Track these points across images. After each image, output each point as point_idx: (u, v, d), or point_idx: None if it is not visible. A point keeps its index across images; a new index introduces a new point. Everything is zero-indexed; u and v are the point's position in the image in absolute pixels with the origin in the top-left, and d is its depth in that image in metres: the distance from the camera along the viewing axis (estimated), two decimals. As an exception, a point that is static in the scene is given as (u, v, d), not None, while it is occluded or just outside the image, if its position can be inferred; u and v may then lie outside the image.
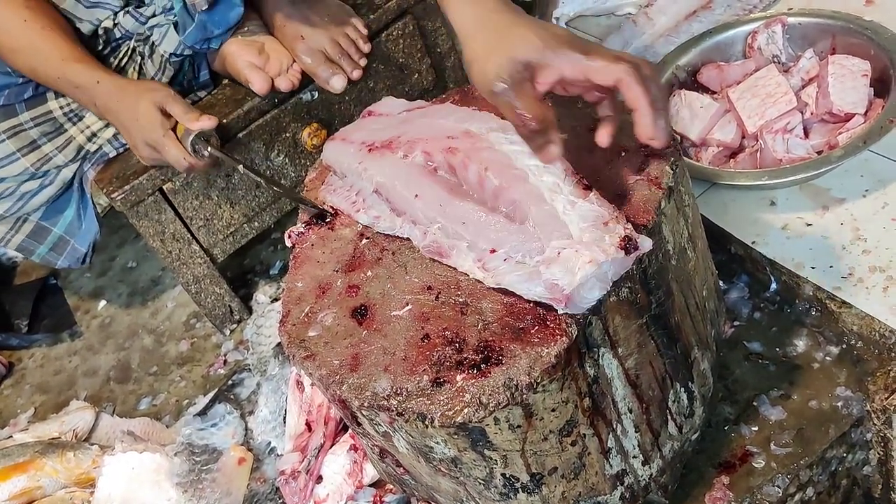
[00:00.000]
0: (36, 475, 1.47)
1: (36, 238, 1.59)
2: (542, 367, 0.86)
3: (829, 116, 1.35)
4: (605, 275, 0.86)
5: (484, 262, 0.93)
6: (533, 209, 0.91)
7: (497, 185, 0.96)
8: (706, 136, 1.43)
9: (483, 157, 0.98)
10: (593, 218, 0.89)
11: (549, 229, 0.89)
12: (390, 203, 1.06)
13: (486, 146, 0.99)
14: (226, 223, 1.59)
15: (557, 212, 0.90)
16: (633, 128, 0.96)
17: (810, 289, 1.24)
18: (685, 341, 1.07)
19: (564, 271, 0.85)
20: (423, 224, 1.01)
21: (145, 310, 1.89)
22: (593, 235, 0.87)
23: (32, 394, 1.81)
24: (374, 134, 1.14)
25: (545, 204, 0.91)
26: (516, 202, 0.94)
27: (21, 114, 1.51)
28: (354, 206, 1.11)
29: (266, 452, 1.45)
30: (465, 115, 1.08)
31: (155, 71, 1.53)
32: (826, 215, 1.31)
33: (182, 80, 1.57)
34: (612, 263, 0.85)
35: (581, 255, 0.84)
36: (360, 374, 0.94)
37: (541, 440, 0.92)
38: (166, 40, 1.50)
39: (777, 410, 1.18)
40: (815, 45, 1.46)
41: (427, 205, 1.00)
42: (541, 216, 0.90)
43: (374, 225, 1.08)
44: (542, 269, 0.87)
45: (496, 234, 0.94)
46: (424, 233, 1.01)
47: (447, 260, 0.98)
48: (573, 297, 0.85)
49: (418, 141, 1.06)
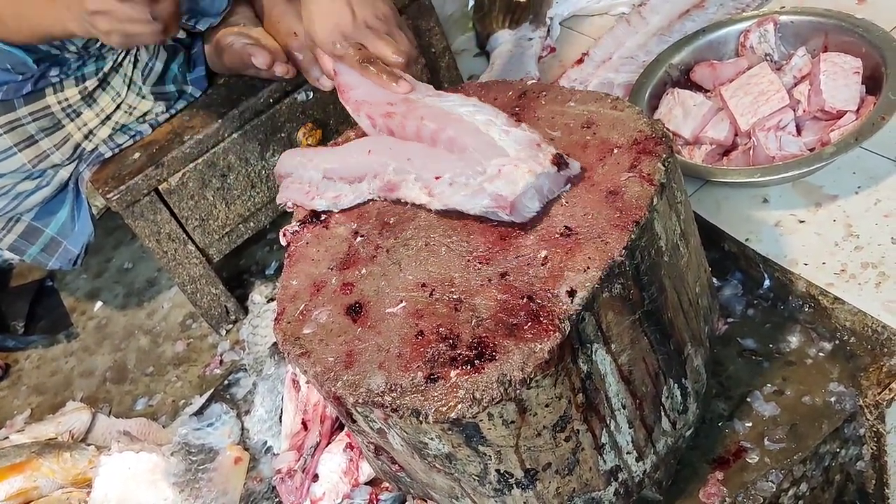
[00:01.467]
0: (32, 475, 1.47)
1: (28, 238, 1.59)
2: (535, 363, 0.87)
3: (822, 114, 1.35)
4: (542, 187, 0.98)
5: (430, 189, 1.04)
6: (470, 139, 1.03)
7: (434, 128, 1.06)
8: (699, 133, 1.43)
9: (418, 112, 1.10)
10: (527, 141, 1.01)
11: (488, 154, 1.01)
12: (345, 178, 1.13)
13: (422, 104, 1.11)
14: (221, 223, 1.59)
15: (494, 140, 1.02)
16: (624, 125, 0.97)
17: (803, 285, 1.24)
18: (678, 337, 1.07)
19: (506, 183, 0.97)
20: (379, 174, 1.10)
21: (141, 311, 1.89)
22: (529, 153, 0.99)
23: (29, 395, 1.81)
24: None
25: (482, 135, 1.03)
26: (453, 138, 1.04)
27: (19, 108, 1.51)
28: (309, 195, 1.17)
29: (262, 452, 1.45)
30: None
31: (149, 57, 1.53)
32: (819, 212, 1.32)
33: (176, 72, 1.57)
34: (546, 177, 0.98)
35: (520, 168, 0.97)
36: (354, 370, 0.94)
37: (534, 436, 0.93)
38: None
39: (770, 406, 1.18)
40: (808, 43, 1.46)
41: (379, 154, 1.11)
42: (479, 144, 1.02)
43: (336, 206, 1.14)
44: (486, 185, 0.98)
45: (440, 164, 1.04)
46: (382, 179, 1.09)
47: (397, 193, 1.07)
48: (516, 204, 0.96)
49: (363, 103, 1.17)
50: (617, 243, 0.93)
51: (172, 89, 1.57)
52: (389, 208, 1.10)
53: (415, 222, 1.06)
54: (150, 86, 1.55)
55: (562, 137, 1.08)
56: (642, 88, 1.51)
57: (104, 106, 1.55)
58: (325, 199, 1.15)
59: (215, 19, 1.51)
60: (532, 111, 1.14)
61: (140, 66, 1.54)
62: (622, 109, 1.08)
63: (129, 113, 1.57)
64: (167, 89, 1.57)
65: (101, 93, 1.55)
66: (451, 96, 1.11)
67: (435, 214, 1.06)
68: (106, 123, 1.55)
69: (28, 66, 1.50)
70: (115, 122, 1.56)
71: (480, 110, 1.06)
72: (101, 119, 1.54)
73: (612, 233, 0.94)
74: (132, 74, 1.55)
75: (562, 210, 0.99)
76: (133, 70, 1.55)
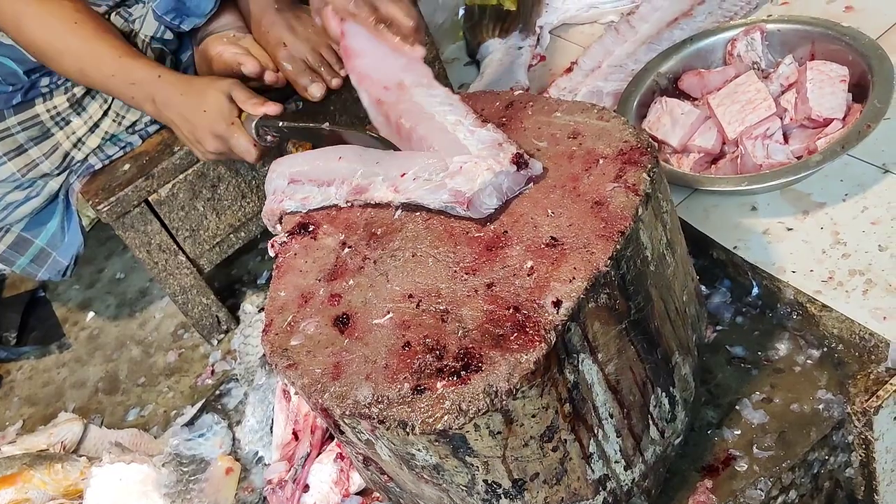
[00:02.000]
0: (24, 487, 1.47)
1: (17, 249, 1.59)
2: (521, 374, 0.87)
3: (809, 121, 1.36)
4: (501, 185, 1.02)
5: (396, 186, 1.08)
6: (437, 138, 1.08)
7: (409, 126, 1.12)
8: (687, 142, 1.44)
9: (400, 110, 1.15)
10: (489, 140, 1.05)
11: (451, 151, 1.06)
12: (314, 181, 1.18)
13: (406, 99, 1.15)
14: (212, 233, 1.60)
15: (459, 139, 1.06)
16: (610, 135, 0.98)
17: (791, 293, 1.25)
18: (666, 346, 1.08)
19: (466, 180, 1.01)
20: (347, 179, 1.15)
21: (133, 321, 1.89)
22: (490, 152, 1.03)
23: (21, 406, 1.81)
24: None
25: (448, 134, 1.08)
26: (423, 136, 1.10)
27: (8, 118, 1.51)
28: (276, 198, 1.21)
29: (254, 462, 1.45)
30: (408, 64, 1.20)
31: None
32: (806, 220, 1.32)
33: None
34: (506, 175, 1.02)
35: (479, 166, 1.02)
36: (341, 382, 0.94)
37: (522, 446, 0.93)
38: (146, 24, 1.51)
39: (759, 414, 1.19)
40: (795, 51, 1.47)
41: (349, 161, 1.16)
42: (444, 143, 1.07)
43: (304, 207, 1.18)
44: (447, 180, 1.03)
45: (405, 163, 1.10)
46: (350, 184, 1.14)
47: (366, 195, 1.12)
48: (474, 200, 1.01)
49: (365, 77, 1.21)
50: (602, 254, 0.93)
51: None
52: (377, 219, 1.11)
53: (402, 233, 1.07)
54: None
55: (548, 147, 1.08)
56: (631, 97, 1.51)
57: (92, 113, 1.55)
58: (294, 201, 1.19)
59: (200, 20, 1.51)
60: (519, 121, 1.15)
61: None
62: (608, 120, 1.08)
63: (118, 122, 1.57)
64: None
65: (90, 100, 1.55)
66: (439, 91, 1.16)
67: (422, 225, 1.06)
68: (94, 132, 1.55)
69: (18, 76, 1.50)
70: (105, 132, 1.56)
71: (453, 110, 1.11)
72: (90, 127, 1.54)
73: (598, 243, 0.94)
74: None
75: (547, 220, 0.99)
76: None
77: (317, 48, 1.50)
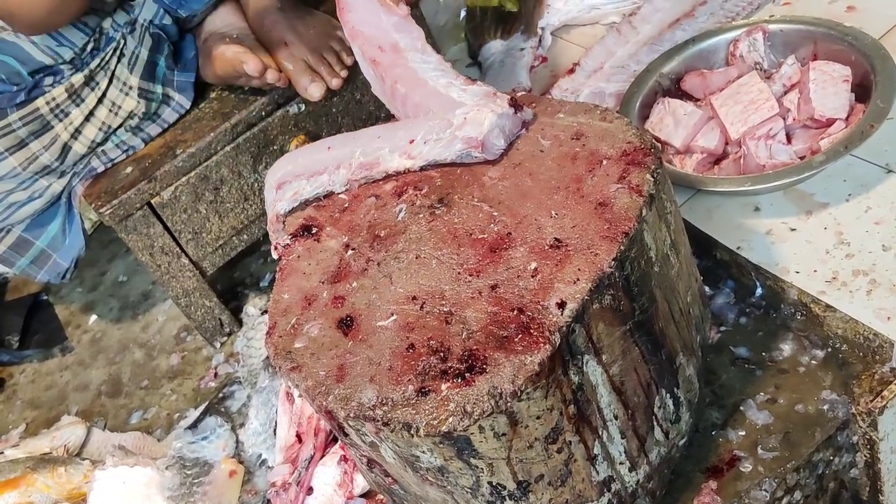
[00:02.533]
0: (27, 490, 1.47)
1: (17, 250, 1.59)
2: (525, 375, 0.87)
3: (811, 122, 1.36)
4: (504, 127, 1.09)
5: (408, 152, 1.12)
6: (434, 101, 1.14)
7: (404, 92, 1.18)
8: (690, 143, 1.44)
9: (396, 73, 1.20)
10: (483, 93, 1.13)
11: (450, 109, 1.11)
12: (301, 175, 1.20)
13: (402, 63, 1.21)
14: (214, 236, 1.60)
15: (454, 98, 1.13)
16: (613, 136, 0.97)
17: (795, 293, 1.24)
18: (670, 347, 1.07)
19: (474, 126, 1.07)
20: (344, 163, 1.17)
21: (136, 324, 1.89)
22: (487, 100, 1.10)
23: (24, 409, 1.81)
24: None
25: (442, 96, 1.14)
26: (419, 103, 1.16)
27: (10, 115, 1.51)
28: (271, 206, 1.23)
29: (257, 465, 1.45)
30: (400, 24, 1.25)
31: (135, 44, 1.52)
32: (810, 220, 1.32)
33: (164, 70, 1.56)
34: (507, 117, 1.08)
35: (483, 111, 1.08)
36: (345, 384, 0.94)
37: (526, 448, 0.93)
38: (145, 9, 1.53)
39: (764, 414, 1.18)
40: (797, 51, 1.47)
41: (339, 147, 1.19)
42: (441, 104, 1.14)
43: (296, 199, 1.19)
44: (456, 133, 1.08)
45: (410, 131, 1.14)
46: (349, 166, 1.16)
47: (377, 169, 1.15)
48: (485, 142, 1.07)
49: (358, 34, 1.26)
50: (606, 255, 0.93)
51: (158, 90, 1.56)
52: (380, 221, 1.11)
53: (405, 235, 1.06)
54: (137, 76, 1.53)
55: (551, 148, 1.08)
56: (633, 98, 1.51)
57: (89, 102, 1.55)
58: (284, 201, 1.20)
59: (200, 7, 1.52)
60: (522, 123, 1.15)
61: (125, 59, 1.53)
62: (611, 121, 1.08)
63: (114, 112, 1.55)
64: (153, 89, 1.55)
65: (88, 90, 1.55)
66: (432, 57, 1.23)
67: (426, 227, 1.06)
68: (90, 121, 1.54)
69: (22, 76, 1.50)
70: (102, 122, 1.55)
71: (443, 74, 1.19)
72: (85, 115, 1.54)
73: (602, 244, 0.94)
74: (115, 69, 1.54)
75: (551, 222, 0.99)
76: (117, 65, 1.54)
77: (318, 49, 1.51)
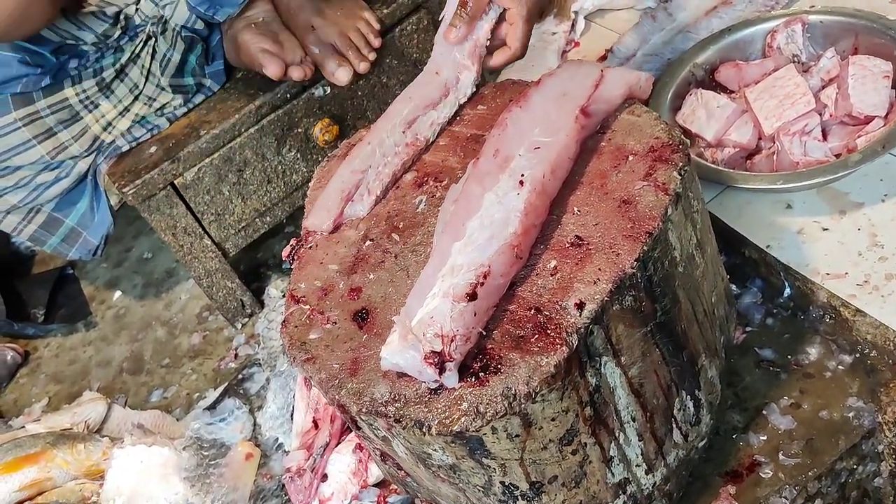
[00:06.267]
0: (47, 466, 1.48)
1: (48, 229, 1.60)
2: (540, 377, 0.85)
3: (849, 118, 1.31)
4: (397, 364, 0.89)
5: None
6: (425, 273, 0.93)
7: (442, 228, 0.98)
8: (722, 136, 1.40)
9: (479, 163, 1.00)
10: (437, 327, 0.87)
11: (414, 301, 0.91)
12: None
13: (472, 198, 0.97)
14: (237, 218, 1.59)
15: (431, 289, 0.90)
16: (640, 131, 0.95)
17: (824, 295, 1.21)
18: (692, 349, 1.05)
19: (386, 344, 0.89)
20: None
21: (159, 301, 1.90)
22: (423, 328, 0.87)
23: (47, 383, 1.82)
24: None
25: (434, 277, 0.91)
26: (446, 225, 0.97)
27: (38, 101, 1.51)
28: None
29: (274, 448, 1.45)
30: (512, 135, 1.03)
31: (167, 47, 1.52)
32: (843, 220, 1.28)
33: (194, 65, 1.56)
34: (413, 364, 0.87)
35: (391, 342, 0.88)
36: (359, 378, 0.93)
37: (540, 449, 0.91)
38: (177, 13, 1.51)
39: (787, 419, 1.16)
40: (837, 44, 1.42)
41: None
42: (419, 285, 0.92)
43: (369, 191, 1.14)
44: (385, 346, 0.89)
45: None
46: None
47: None
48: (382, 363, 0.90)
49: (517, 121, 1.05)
50: (629, 255, 0.91)
51: (190, 82, 1.56)
52: (399, 212, 1.09)
53: (424, 228, 1.05)
54: (168, 77, 1.54)
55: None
56: (665, 88, 1.48)
57: (122, 97, 1.55)
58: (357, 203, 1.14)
59: (234, 10, 1.50)
60: (548, 114, 1.12)
61: (158, 57, 1.54)
62: (639, 115, 1.05)
63: (149, 105, 1.57)
64: (185, 82, 1.56)
65: (119, 84, 1.55)
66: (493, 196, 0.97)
67: (445, 220, 1.04)
68: (125, 115, 1.55)
69: (45, 58, 1.50)
70: (135, 115, 1.56)
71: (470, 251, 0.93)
72: (120, 111, 1.54)
73: (625, 244, 0.92)
74: (150, 66, 1.54)
75: (573, 219, 0.97)
76: (151, 61, 1.54)
77: (345, 31, 1.48)
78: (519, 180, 0.95)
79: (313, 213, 1.13)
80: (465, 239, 0.92)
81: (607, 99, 1.04)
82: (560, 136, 0.99)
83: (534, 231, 0.95)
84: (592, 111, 1.03)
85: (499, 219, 0.93)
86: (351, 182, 1.12)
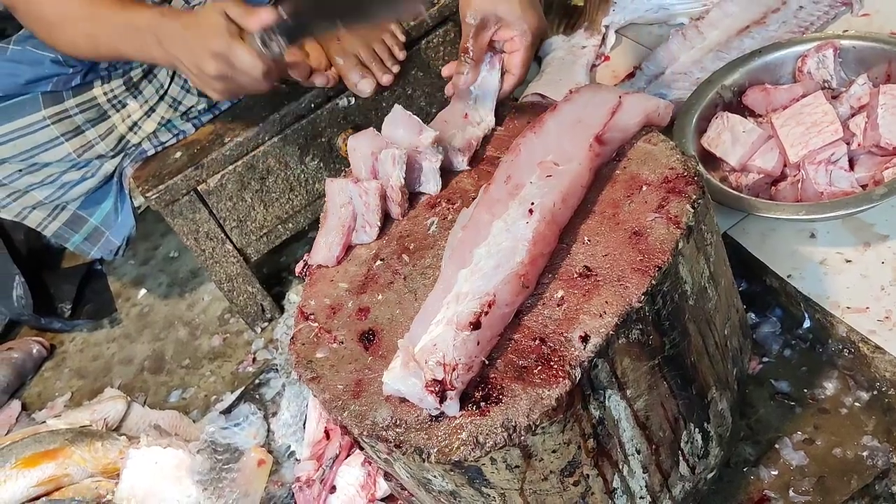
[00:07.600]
0: (64, 463, 1.51)
1: (72, 226, 1.62)
2: (541, 410, 0.85)
3: (877, 149, 1.29)
4: (398, 390, 0.89)
5: None
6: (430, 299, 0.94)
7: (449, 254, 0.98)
8: (747, 161, 1.38)
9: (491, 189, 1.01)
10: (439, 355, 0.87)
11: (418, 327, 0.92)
12: None
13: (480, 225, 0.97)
14: (259, 224, 1.60)
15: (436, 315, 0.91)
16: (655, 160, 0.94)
17: (844, 329, 1.19)
18: (702, 381, 1.04)
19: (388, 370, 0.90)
20: None
21: (182, 301, 1.92)
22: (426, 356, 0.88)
23: (70, 378, 1.85)
24: None
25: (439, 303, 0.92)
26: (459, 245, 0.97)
27: (67, 100, 1.53)
28: None
29: (286, 456, 1.46)
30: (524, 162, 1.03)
31: None
32: (867, 252, 1.26)
33: None
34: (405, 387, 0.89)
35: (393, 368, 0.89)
36: (361, 401, 0.93)
37: (541, 480, 0.91)
38: None
39: (799, 455, 1.14)
40: (870, 70, 1.39)
41: None
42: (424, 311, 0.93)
43: None
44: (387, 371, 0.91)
45: None
46: None
47: None
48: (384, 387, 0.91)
49: None
50: (636, 289, 0.90)
51: None
52: (411, 233, 1.09)
53: (434, 250, 1.05)
54: None
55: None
56: (692, 109, 1.46)
57: (148, 97, 1.56)
58: None
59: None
60: (565, 137, 1.11)
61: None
62: (655, 144, 1.04)
63: (174, 107, 1.58)
64: None
65: (146, 83, 1.56)
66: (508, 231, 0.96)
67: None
68: (150, 116, 1.57)
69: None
70: (161, 117, 1.58)
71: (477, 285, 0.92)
72: (145, 111, 1.56)
73: (633, 277, 0.91)
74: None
75: (583, 248, 0.96)
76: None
77: (369, 43, 1.49)
78: (529, 208, 0.95)
79: (316, 251, 1.13)
80: (472, 266, 0.92)
81: (623, 127, 1.03)
82: (573, 164, 0.98)
83: (542, 260, 0.94)
84: (607, 139, 1.02)
85: (506, 247, 0.92)
86: (347, 215, 1.12)
